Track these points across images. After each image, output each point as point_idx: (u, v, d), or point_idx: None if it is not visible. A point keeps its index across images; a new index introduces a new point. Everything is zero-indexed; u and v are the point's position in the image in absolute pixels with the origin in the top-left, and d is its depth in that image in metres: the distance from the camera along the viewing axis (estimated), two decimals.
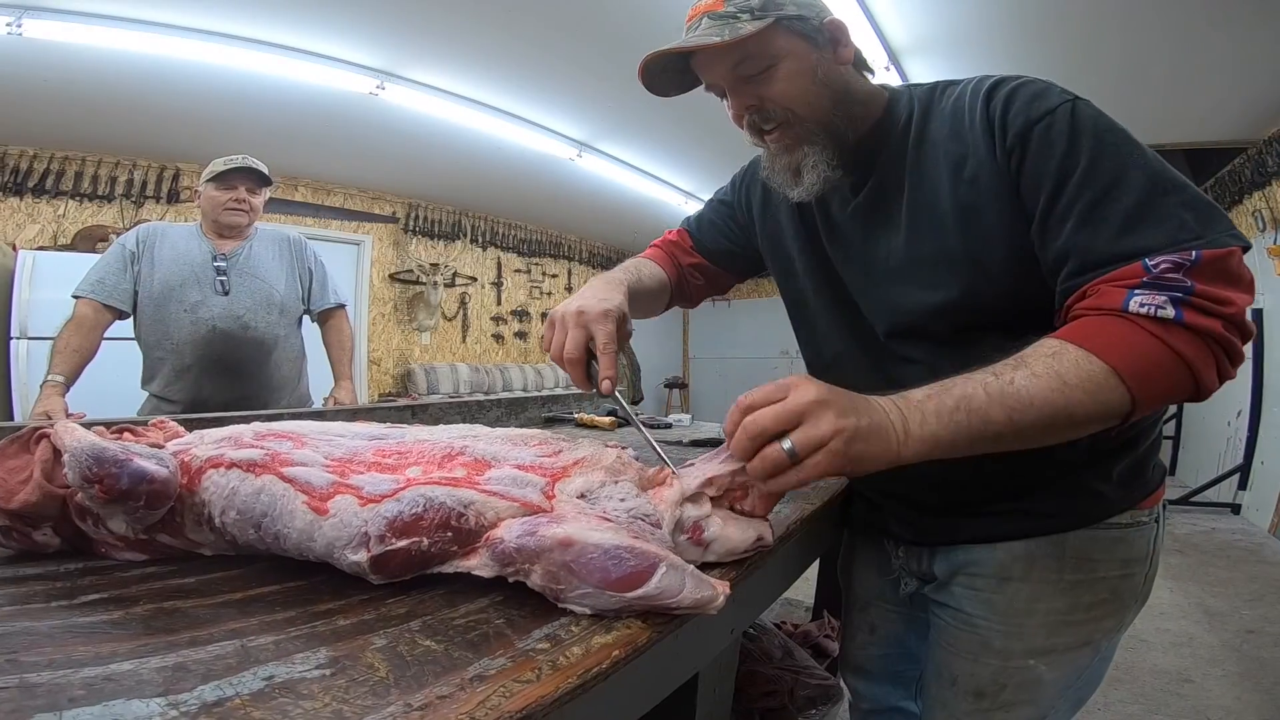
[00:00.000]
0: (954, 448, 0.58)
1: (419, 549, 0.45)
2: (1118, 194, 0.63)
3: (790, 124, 0.77)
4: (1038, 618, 0.77)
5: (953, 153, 0.73)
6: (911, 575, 0.92)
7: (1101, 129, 0.66)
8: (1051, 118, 0.67)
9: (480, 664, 0.39)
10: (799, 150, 0.78)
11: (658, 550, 0.43)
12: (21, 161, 4.01)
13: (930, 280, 0.75)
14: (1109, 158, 0.64)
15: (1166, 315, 0.58)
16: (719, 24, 0.72)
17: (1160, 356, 0.58)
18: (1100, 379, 0.58)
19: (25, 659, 0.38)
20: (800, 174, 0.79)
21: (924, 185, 0.75)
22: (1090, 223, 0.64)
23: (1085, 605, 0.77)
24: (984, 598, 0.80)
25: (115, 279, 1.86)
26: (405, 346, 6.08)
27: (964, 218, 0.72)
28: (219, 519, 0.50)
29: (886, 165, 0.79)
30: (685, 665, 0.54)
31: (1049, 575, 0.77)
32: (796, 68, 0.74)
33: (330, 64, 3.32)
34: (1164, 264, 0.59)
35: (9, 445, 0.54)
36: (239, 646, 0.41)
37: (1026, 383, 0.58)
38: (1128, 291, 0.59)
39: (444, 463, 0.52)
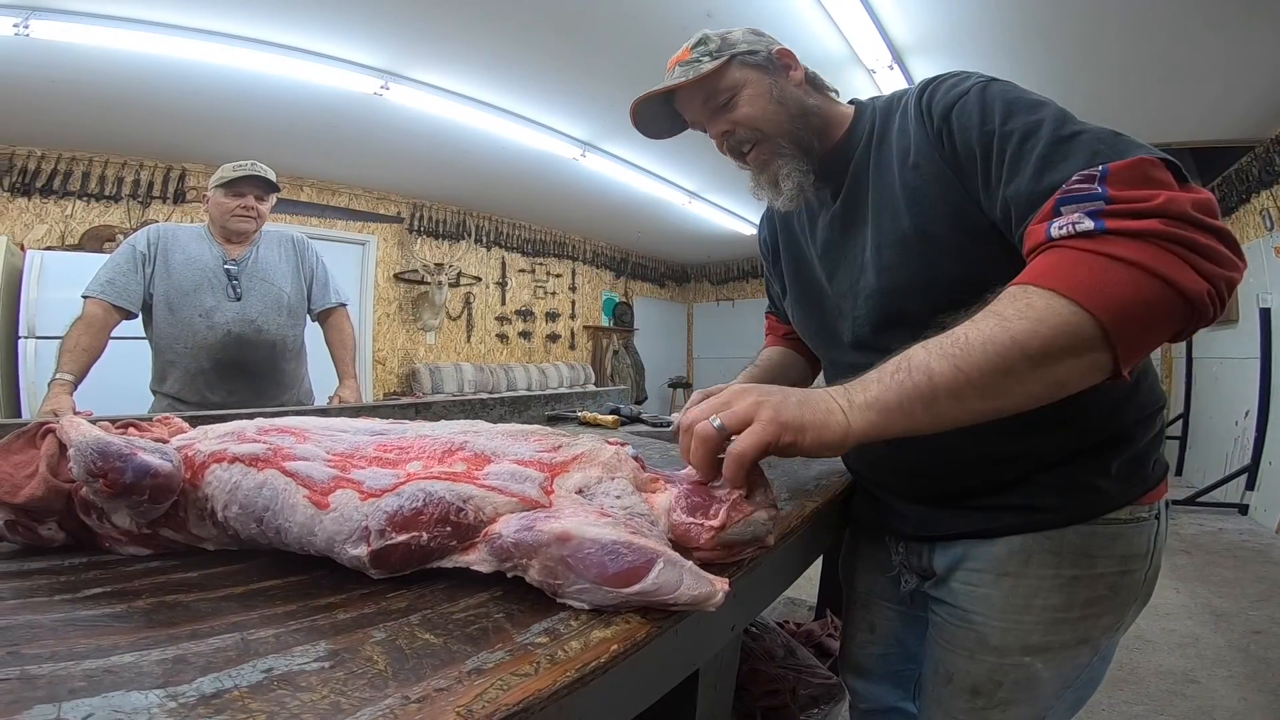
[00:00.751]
0: (906, 412, 0.57)
1: (418, 543, 0.46)
2: (1031, 144, 0.66)
3: (761, 141, 0.88)
4: (1034, 614, 0.77)
5: (900, 146, 0.81)
6: (911, 572, 0.92)
7: (1010, 97, 0.71)
8: (966, 98, 0.73)
9: (478, 657, 0.39)
10: (774, 163, 0.88)
11: (655, 545, 0.43)
12: (29, 162, 4.03)
13: (892, 261, 0.80)
14: (1018, 116, 0.68)
15: (1086, 227, 0.57)
16: (686, 68, 0.88)
17: (1103, 268, 0.55)
18: (1041, 304, 0.55)
19: (27, 651, 0.39)
20: (778, 184, 0.89)
21: (882, 180, 0.82)
22: (1014, 176, 0.66)
23: (1082, 602, 0.77)
24: (981, 593, 0.81)
25: (125, 280, 1.88)
26: (410, 346, 6.10)
27: (911, 199, 0.78)
28: (221, 513, 0.51)
29: (856, 171, 0.87)
30: (685, 661, 0.54)
31: (1046, 570, 0.77)
32: (755, 92, 0.87)
33: (335, 64, 3.33)
34: (1073, 184, 0.60)
35: (15, 440, 0.55)
36: (239, 639, 0.41)
37: (965, 329, 0.57)
38: (1047, 223, 0.60)
39: (444, 458, 0.52)
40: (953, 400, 0.56)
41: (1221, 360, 4.85)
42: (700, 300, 9.49)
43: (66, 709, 0.32)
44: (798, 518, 0.76)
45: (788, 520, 0.74)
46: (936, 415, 0.57)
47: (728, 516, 0.53)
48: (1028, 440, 0.77)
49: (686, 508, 0.53)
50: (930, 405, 0.56)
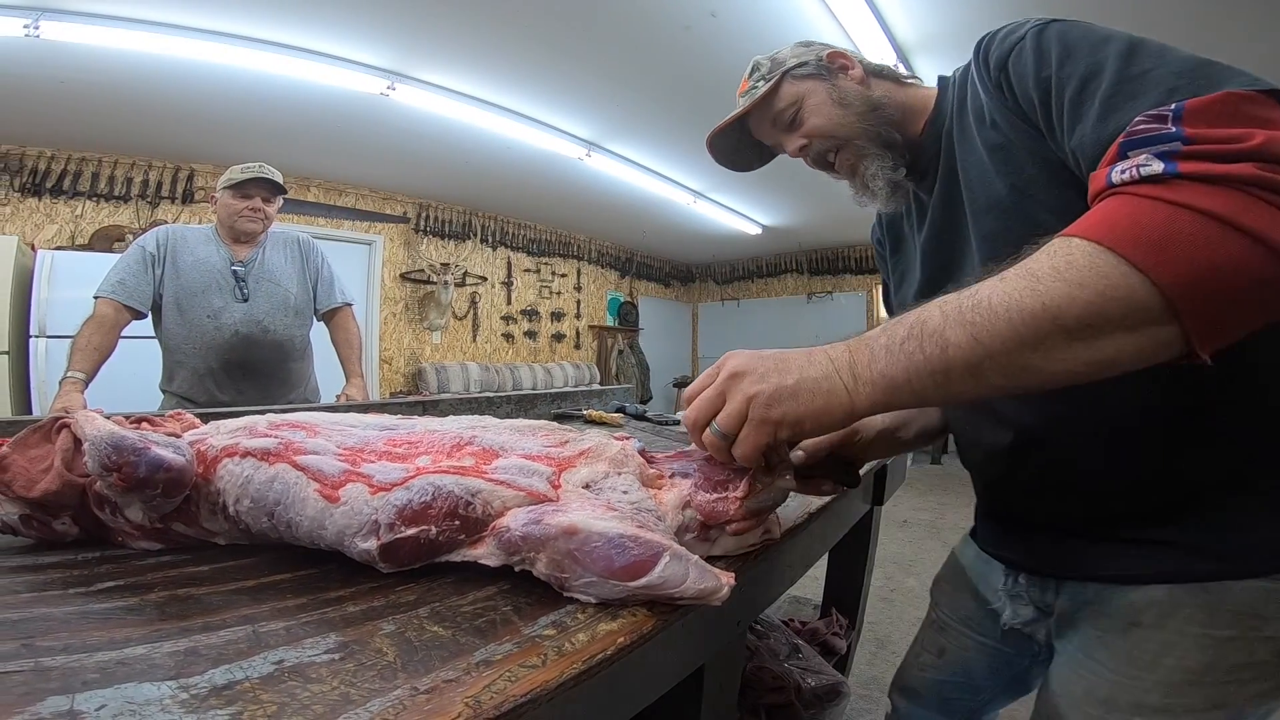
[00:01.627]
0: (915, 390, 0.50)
1: (427, 537, 0.46)
2: (1094, 85, 0.56)
3: (841, 148, 0.85)
4: (1160, 673, 0.65)
5: (977, 108, 0.74)
6: (1030, 604, 0.83)
7: (1070, 37, 0.62)
8: (1021, 45, 0.66)
9: (486, 649, 0.39)
10: (860, 167, 0.85)
11: (661, 540, 0.43)
12: (39, 162, 4.07)
13: (993, 229, 0.72)
14: (1078, 56, 0.59)
15: (1153, 170, 0.46)
16: (746, 97, 0.88)
17: (1167, 218, 0.44)
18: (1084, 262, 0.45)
19: (41, 643, 0.39)
20: (869, 187, 0.85)
21: (967, 148, 0.76)
22: (1075, 123, 0.58)
23: (1228, 666, 0.62)
24: (1106, 641, 0.70)
25: (136, 280, 1.91)
26: (416, 346, 6.12)
27: (998, 158, 0.71)
28: (233, 507, 0.51)
29: (945, 150, 0.81)
30: (691, 656, 0.54)
31: (1190, 628, 0.63)
32: (816, 102, 0.85)
33: (341, 65, 3.34)
34: (1138, 124, 0.50)
35: (31, 435, 0.55)
36: (250, 632, 0.42)
37: (990, 289, 0.48)
38: (1109, 169, 0.50)
39: (453, 452, 0.53)
40: (969, 377, 0.48)
41: None
42: (705, 300, 9.48)
43: (80, 700, 0.32)
44: (803, 515, 0.76)
45: (793, 517, 0.74)
46: (949, 393, 0.49)
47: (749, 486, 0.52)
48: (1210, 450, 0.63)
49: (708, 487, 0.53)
50: (943, 383, 0.49)
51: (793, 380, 0.52)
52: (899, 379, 0.49)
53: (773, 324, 8.29)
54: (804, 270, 8.20)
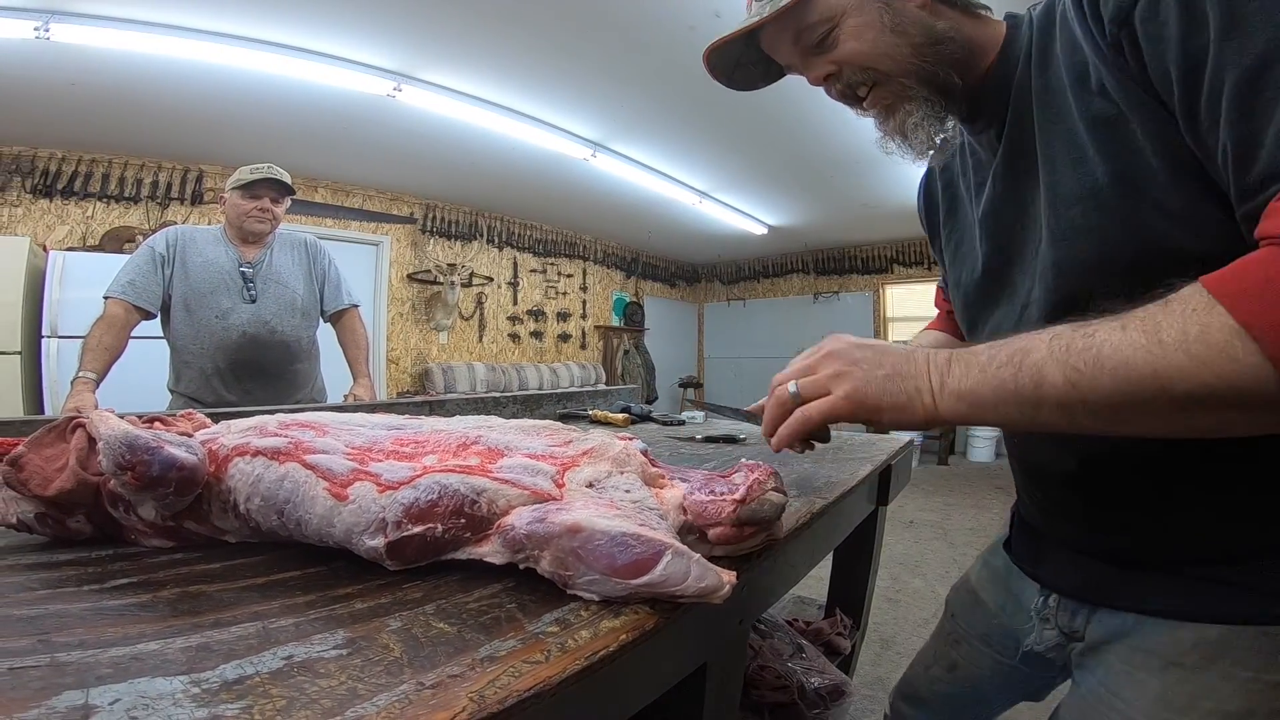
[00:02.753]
0: (999, 413, 0.48)
1: (434, 535, 0.47)
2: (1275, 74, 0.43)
3: (880, 83, 0.69)
4: (1195, 716, 0.59)
5: (1074, 65, 0.58)
6: (1056, 628, 0.76)
7: None
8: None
9: (491, 646, 0.40)
10: (899, 110, 0.69)
11: (663, 538, 0.44)
12: (51, 164, 4.11)
13: (1078, 224, 0.59)
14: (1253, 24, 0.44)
15: None
16: (763, 2, 0.68)
17: None
18: (1217, 338, 0.40)
19: (57, 639, 0.40)
20: (905, 135, 0.70)
21: (1053, 113, 0.61)
22: (1243, 116, 0.45)
23: (1267, 712, 0.57)
24: (1137, 678, 0.64)
25: (146, 281, 1.93)
26: (423, 346, 6.15)
27: (1103, 136, 0.56)
28: (244, 505, 0.52)
29: (1016, 105, 0.66)
30: (694, 654, 0.55)
31: (1238, 671, 0.58)
32: (861, 22, 0.66)
33: (348, 66, 3.36)
34: None
35: (46, 434, 0.56)
36: (260, 628, 0.42)
37: (1106, 337, 0.44)
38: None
39: (459, 451, 0.54)
40: (1059, 413, 0.46)
41: None
42: (711, 300, 9.48)
43: (94, 695, 0.33)
44: (806, 514, 0.77)
45: (796, 516, 0.74)
46: (1035, 424, 0.48)
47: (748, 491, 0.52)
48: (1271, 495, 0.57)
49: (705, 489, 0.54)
50: (1031, 413, 0.47)
51: (884, 372, 0.53)
52: (986, 399, 0.49)
53: (779, 324, 8.28)
54: (810, 270, 8.19)
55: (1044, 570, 0.79)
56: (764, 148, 4.56)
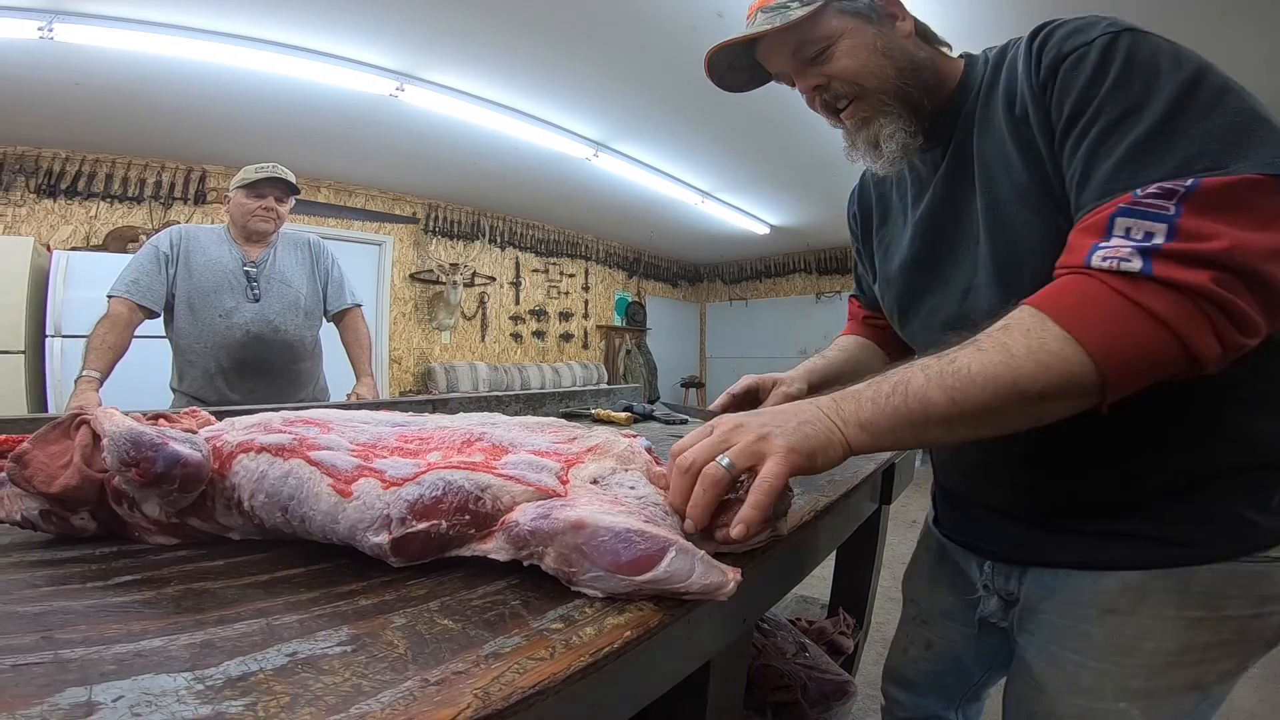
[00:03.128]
0: (895, 437, 0.56)
1: (438, 531, 0.47)
2: (1135, 119, 0.56)
3: (861, 98, 0.78)
4: (1140, 657, 0.67)
5: (1009, 94, 0.71)
6: (995, 594, 0.84)
7: (1140, 55, 0.59)
8: (1086, 49, 0.62)
9: (496, 642, 0.40)
10: (875, 122, 0.79)
11: (668, 535, 0.44)
12: (54, 164, 4.11)
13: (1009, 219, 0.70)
14: (1136, 81, 0.58)
15: (1131, 269, 0.51)
16: (771, 14, 0.76)
17: (1133, 323, 0.51)
18: (1054, 348, 0.52)
19: (60, 636, 0.40)
20: (879, 144, 0.79)
21: (990, 134, 0.73)
22: (1097, 152, 0.58)
23: (1202, 645, 0.66)
24: (1080, 630, 0.71)
25: (149, 280, 1.93)
26: (426, 345, 6.15)
27: (1026, 151, 0.68)
28: (248, 502, 0.52)
29: (964, 127, 0.77)
30: (697, 651, 0.55)
31: (1165, 611, 0.66)
32: (855, 43, 0.76)
33: (351, 66, 3.36)
34: (1147, 195, 0.53)
35: (50, 431, 0.56)
36: (264, 625, 0.42)
37: (969, 359, 0.54)
38: (1095, 242, 0.54)
39: (463, 448, 0.54)
40: (941, 428, 0.55)
41: None
42: (713, 300, 9.47)
43: (97, 691, 0.33)
44: (810, 512, 0.77)
45: (800, 515, 0.74)
46: (921, 439, 0.57)
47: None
48: (1162, 455, 0.67)
49: None
50: (919, 431, 0.56)
51: (795, 423, 0.55)
52: (883, 427, 0.56)
53: (781, 324, 8.27)
54: (812, 270, 8.18)
55: (972, 537, 0.87)
56: (767, 148, 4.55)
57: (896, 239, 0.90)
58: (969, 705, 1.01)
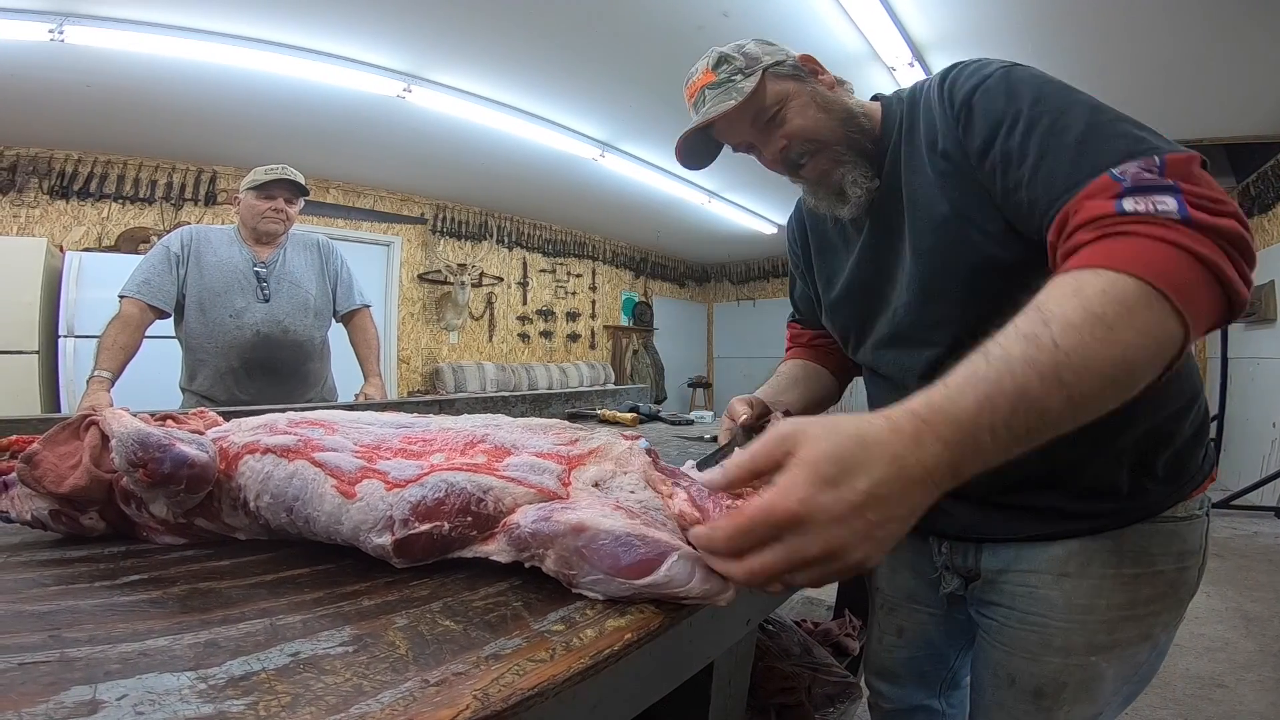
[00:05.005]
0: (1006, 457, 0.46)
1: (440, 533, 0.47)
2: (1065, 123, 0.63)
3: (819, 152, 0.84)
4: (1099, 613, 0.76)
5: (929, 132, 0.78)
6: (954, 573, 0.90)
7: (1039, 79, 0.69)
8: (988, 82, 0.71)
9: (496, 643, 0.40)
10: (836, 172, 0.84)
11: (669, 539, 0.44)
12: (67, 165, 4.16)
13: (932, 245, 0.77)
14: (1049, 98, 0.66)
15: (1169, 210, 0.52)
16: (721, 92, 0.83)
17: (1182, 262, 0.50)
18: (1142, 307, 0.48)
19: (67, 635, 0.40)
20: (844, 192, 0.85)
21: (914, 171, 0.80)
22: (1045, 156, 0.63)
23: (1145, 599, 0.76)
24: (1041, 594, 0.78)
25: (160, 280, 1.94)
26: (433, 345, 6.17)
27: (945, 184, 0.75)
28: (253, 503, 0.53)
29: (890, 167, 0.84)
30: (699, 654, 0.55)
31: (1107, 570, 0.75)
32: (801, 103, 0.83)
33: (359, 68, 3.38)
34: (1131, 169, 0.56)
35: (60, 432, 0.57)
36: (268, 625, 0.43)
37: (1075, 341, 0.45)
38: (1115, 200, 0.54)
39: (466, 450, 0.54)
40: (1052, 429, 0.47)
41: (1258, 361, 4.71)
42: (720, 300, 9.46)
43: (102, 690, 0.33)
44: None
45: None
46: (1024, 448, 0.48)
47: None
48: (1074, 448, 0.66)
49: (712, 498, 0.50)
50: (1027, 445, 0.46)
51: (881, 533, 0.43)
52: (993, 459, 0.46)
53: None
54: None
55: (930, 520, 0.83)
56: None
57: (839, 268, 0.95)
58: (951, 693, 1.04)
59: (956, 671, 1.02)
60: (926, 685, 1.02)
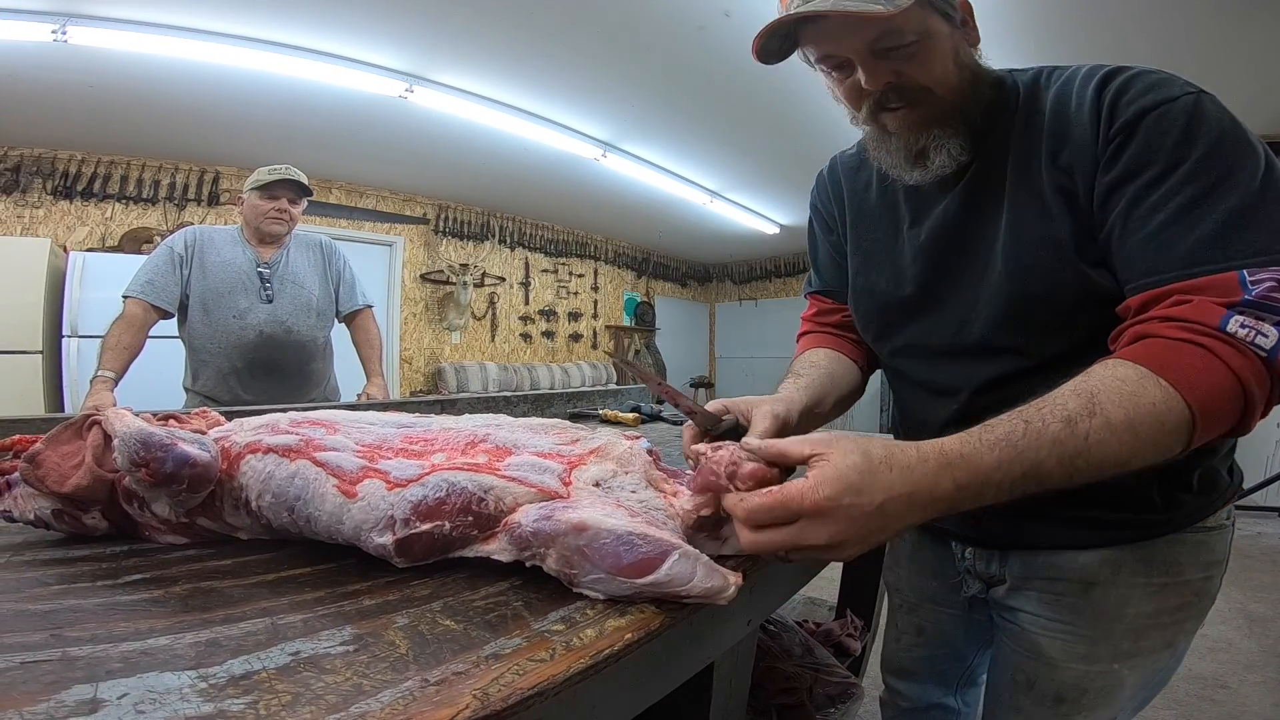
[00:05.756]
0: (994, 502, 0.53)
1: (441, 532, 0.47)
2: (1224, 192, 0.58)
3: (923, 103, 0.72)
4: (1126, 622, 0.75)
5: (1054, 137, 0.69)
6: (976, 578, 0.88)
7: (1222, 125, 0.61)
8: (1170, 106, 0.62)
9: (497, 643, 0.40)
10: (927, 131, 0.73)
11: (670, 538, 0.44)
12: (71, 166, 4.16)
13: (1036, 264, 0.69)
14: (1222, 154, 0.59)
15: (1264, 345, 0.52)
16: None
17: (1232, 390, 0.53)
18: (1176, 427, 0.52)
19: (69, 634, 0.41)
20: (926, 156, 0.74)
21: (1027, 169, 0.71)
22: (1185, 218, 0.58)
23: (1172, 608, 0.75)
24: (1067, 602, 0.77)
25: (164, 280, 1.95)
26: (436, 346, 6.18)
27: (1067, 202, 0.67)
28: (255, 502, 0.53)
29: (992, 149, 0.74)
30: (700, 654, 0.55)
31: (1136, 579, 0.74)
32: (940, 46, 0.70)
33: (361, 68, 3.38)
34: (1266, 282, 0.54)
35: (63, 431, 0.57)
36: (269, 624, 0.43)
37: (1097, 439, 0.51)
38: (1226, 310, 0.54)
39: (467, 449, 0.54)
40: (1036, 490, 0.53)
41: None
42: (722, 300, 9.45)
43: (103, 689, 0.34)
44: None
45: None
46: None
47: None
48: None
49: None
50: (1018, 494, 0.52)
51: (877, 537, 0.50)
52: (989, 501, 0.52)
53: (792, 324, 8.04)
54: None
55: (954, 526, 0.88)
56: (776, 147, 4.53)
57: (879, 253, 0.87)
58: (966, 690, 1.03)
59: (974, 669, 1.02)
60: (944, 683, 1.01)
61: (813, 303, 1.04)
